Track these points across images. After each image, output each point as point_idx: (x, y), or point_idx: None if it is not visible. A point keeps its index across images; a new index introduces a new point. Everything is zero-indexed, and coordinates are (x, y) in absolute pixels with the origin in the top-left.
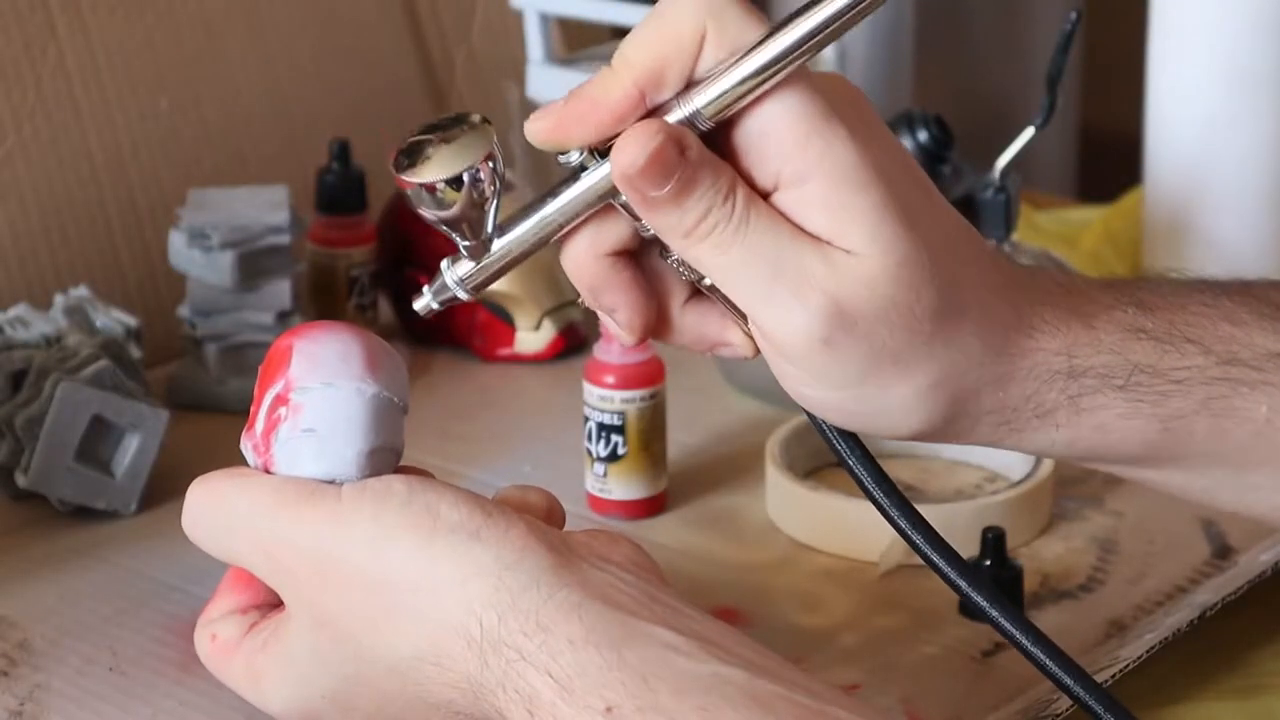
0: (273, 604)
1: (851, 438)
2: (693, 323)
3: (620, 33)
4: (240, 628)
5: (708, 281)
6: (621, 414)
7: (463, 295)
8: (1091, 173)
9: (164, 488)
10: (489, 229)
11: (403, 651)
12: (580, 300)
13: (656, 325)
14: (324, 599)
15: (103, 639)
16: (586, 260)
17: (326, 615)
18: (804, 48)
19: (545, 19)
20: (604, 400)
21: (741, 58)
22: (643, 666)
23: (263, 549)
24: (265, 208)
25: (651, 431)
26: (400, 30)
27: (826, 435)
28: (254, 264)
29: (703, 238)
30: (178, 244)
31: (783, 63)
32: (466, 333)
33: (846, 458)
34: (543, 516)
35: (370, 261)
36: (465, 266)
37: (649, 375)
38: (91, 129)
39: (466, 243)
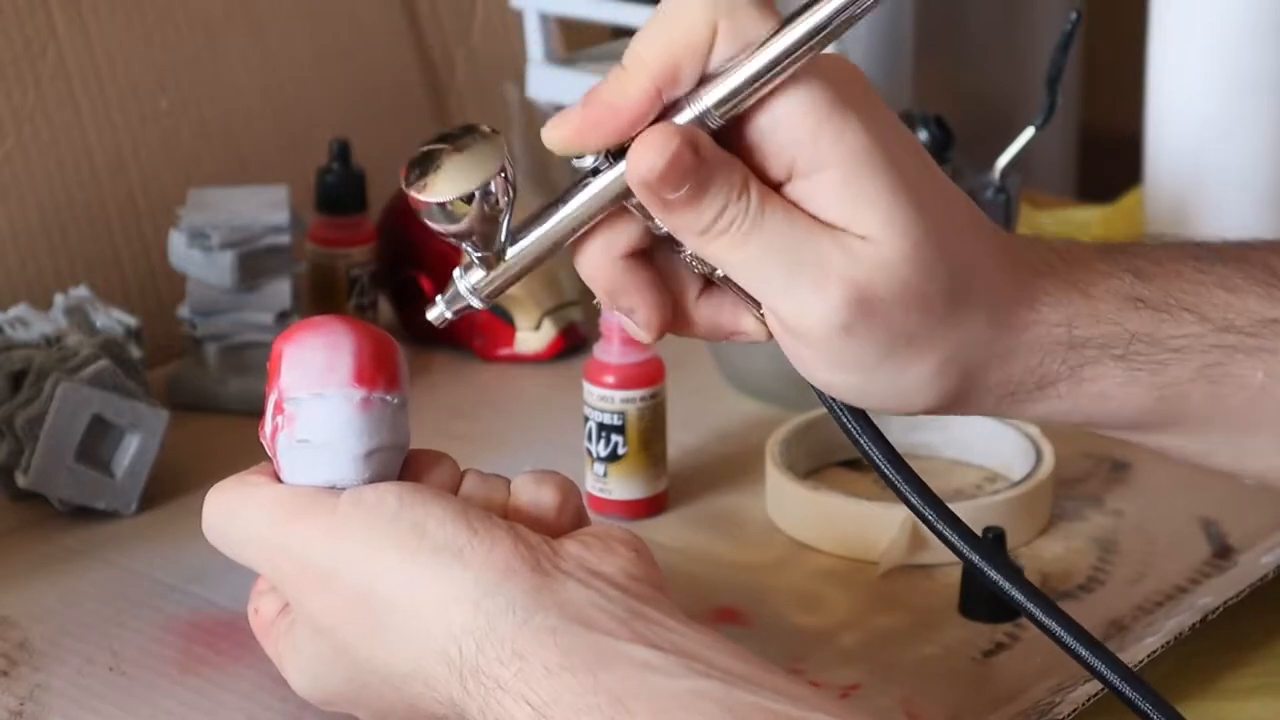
0: None
1: (860, 415)
2: (707, 314)
3: (620, 32)
4: (277, 605)
5: (720, 273)
6: (621, 414)
7: (476, 304)
8: (1091, 173)
9: (164, 488)
10: (502, 238)
11: (395, 667)
12: (595, 302)
13: (673, 320)
14: (322, 610)
15: (103, 639)
16: (602, 264)
17: (326, 626)
18: (814, 40)
19: (545, 19)
20: (604, 400)
21: (753, 53)
22: (619, 688)
23: (267, 559)
24: (265, 208)
25: (651, 431)
26: (400, 30)
27: (837, 413)
28: (254, 264)
29: (719, 235)
30: (178, 244)
31: (793, 56)
32: (466, 333)
33: (859, 437)
34: (553, 514)
35: (370, 261)
36: (478, 275)
37: (649, 375)
38: (91, 129)
39: (479, 253)
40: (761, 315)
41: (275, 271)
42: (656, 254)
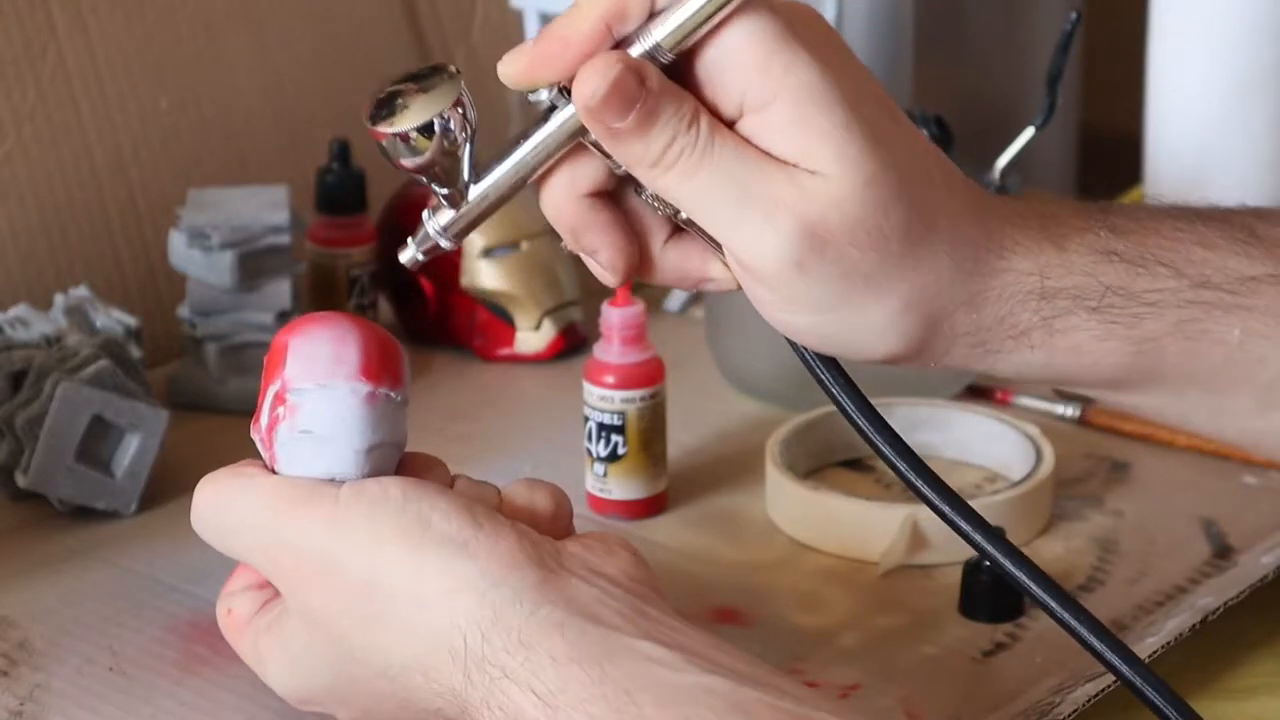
0: None
1: (833, 364)
2: (674, 260)
3: None
4: (253, 604)
5: (684, 215)
6: (621, 414)
7: (445, 244)
8: (1091, 173)
9: (164, 488)
10: (465, 176)
11: (392, 658)
12: (564, 244)
13: (639, 265)
14: (319, 601)
15: (103, 639)
16: (565, 202)
17: (321, 617)
18: None
19: (545, 19)
20: (604, 400)
21: None
22: (626, 680)
23: (262, 549)
24: (265, 208)
25: (651, 431)
26: (400, 30)
27: (809, 363)
28: (254, 264)
29: (669, 166)
30: (178, 244)
31: None
32: (466, 333)
33: (830, 386)
34: (547, 519)
35: (370, 261)
36: (446, 215)
37: (649, 375)
38: (91, 129)
39: (444, 191)
40: (729, 261)
41: (275, 271)
42: (622, 198)
